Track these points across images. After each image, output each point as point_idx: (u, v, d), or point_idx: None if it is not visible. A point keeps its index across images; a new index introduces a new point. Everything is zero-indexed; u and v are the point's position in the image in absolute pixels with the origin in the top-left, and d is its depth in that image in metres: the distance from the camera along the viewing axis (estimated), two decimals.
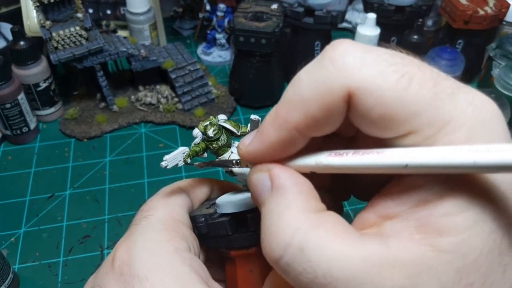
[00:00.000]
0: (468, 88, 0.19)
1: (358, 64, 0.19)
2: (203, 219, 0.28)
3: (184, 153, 0.28)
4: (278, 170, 0.21)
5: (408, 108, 0.18)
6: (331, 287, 0.18)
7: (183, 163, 0.28)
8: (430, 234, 0.18)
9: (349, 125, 0.21)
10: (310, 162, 0.21)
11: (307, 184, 0.21)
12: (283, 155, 0.22)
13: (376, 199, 0.21)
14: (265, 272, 0.27)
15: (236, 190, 0.32)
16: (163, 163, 0.27)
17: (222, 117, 0.29)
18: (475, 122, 0.18)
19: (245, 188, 0.31)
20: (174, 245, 0.25)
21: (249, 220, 0.27)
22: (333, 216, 0.20)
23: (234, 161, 0.27)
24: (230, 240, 0.28)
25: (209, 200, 0.32)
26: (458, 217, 0.18)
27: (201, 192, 0.32)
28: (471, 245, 0.17)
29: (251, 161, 0.23)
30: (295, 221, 0.19)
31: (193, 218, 0.29)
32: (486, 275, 0.18)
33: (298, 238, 0.19)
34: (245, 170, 0.28)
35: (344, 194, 0.28)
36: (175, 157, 0.27)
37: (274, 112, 0.21)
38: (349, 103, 0.19)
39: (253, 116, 0.28)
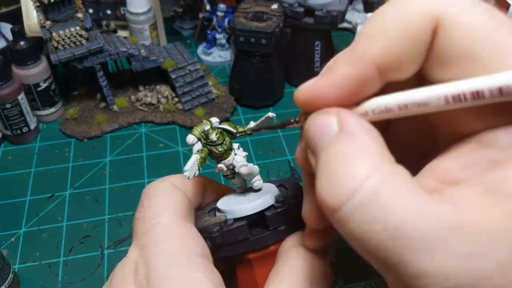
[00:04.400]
0: None
1: None
2: (217, 227, 0.27)
3: (197, 161, 0.27)
4: (348, 115, 0.19)
5: (495, 53, 0.17)
6: (401, 243, 0.16)
7: (198, 172, 0.27)
8: (505, 199, 0.16)
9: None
10: (397, 97, 0.19)
11: (378, 134, 0.19)
12: (350, 98, 0.20)
13: (435, 163, 0.19)
14: None
15: (229, 193, 0.31)
16: (186, 173, 0.26)
17: (215, 119, 0.29)
18: None
19: (240, 190, 0.30)
20: (187, 252, 0.25)
21: (268, 219, 0.27)
22: (406, 171, 0.18)
23: (292, 120, 0.24)
24: (249, 243, 0.27)
25: (203, 209, 0.31)
26: None
27: (197, 189, 0.31)
28: None
29: (311, 103, 0.20)
30: (369, 165, 0.17)
31: (205, 229, 0.27)
32: None
33: (372, 183, 0.17)
34: (254, 168, 0.28)
35: None
36: (193, 166, 0.27)
37: (349, 49, 0.19)
38: (434, 36, 0.18)
39: (270, 114, 0.27)
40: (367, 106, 0.20)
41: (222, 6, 0.91)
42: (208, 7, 0.93)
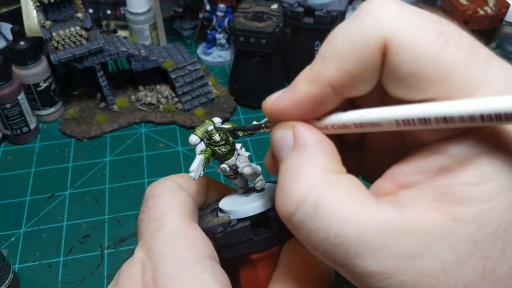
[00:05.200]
0: (500, 59, 0.19)
1: (395, 17, 0.18)
2: (221, 228, 0.27)
3: (202, 162, 0.27)
4: (302, 128, 0.21)
5: (441, 70, 0.18)
6: (342, 248, 0.18)
7: (203, 172, 0.27)
8: (449, 203, 0.18)
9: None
10: (351, 116, 0.20)
11: (330, 145, 0.21)
12: (310, 114, 0.21)
13: (394, 167, 0.20)
14: None
15: (230, 193, 0.31)
16: (192, 174, 0.26)
17: (217, 120, 0.28)
18: (505, 92, 0.17)
19: (242, 190, 0.30)
20: (194, 253, 0.24)
21: (272, 219, 0.27)
22: (352, 179, 0.20)
23: (263, 124, 0.25)
24: (252, 244, 0.27)
25: (204, 209, 0.31)
26: (480, 187, 0.17)
27: (201, 188, 0.31)
28: (491, 217, 0.17)
29: (276, 116, 0.22)
30: (313, 178, 0.19)
31: (209, 230, 0.27)
32: (503, 249, 0.17)
33: (314, 195, 0.19)
34: (257, 168, 0.28)
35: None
36: (198, 166, 0.27)
37: (308, 68, 0.21)
38: (383, 56, 0.19)
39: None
40: (327, 121, 0.21)
41: (222, 6, 0.91)
42: (208, 7, 0.93)
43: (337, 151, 0.21)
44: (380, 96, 0.22)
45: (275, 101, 0.22)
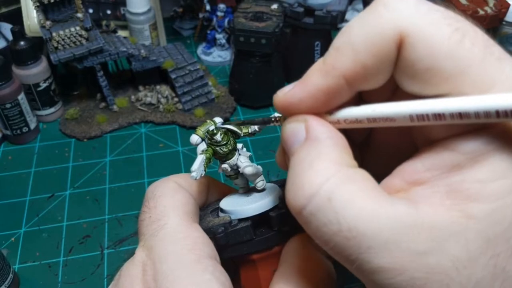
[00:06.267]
0: None
1: (413, 11, 0.19)
2: (222, 228, 0.27)
3: (204, 161, 0.27)
4: (315, 122, 0.21)
5: (457, 65, 0.18)
6: (354, 242, 0.18)
7: (205, 172, 0.27)
8: (462, 200, 0.17)
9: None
10: (364, 110, 0.20)
11: (342, 139, 0.21)
12: (322, 107, 0.21)
13: (404, 164, 0.20)
14: None
15: (231, 193, 0.31)
16: (194, 174, 0.26)
17: (219, 119, 0.29)
18: None
19: (243, 190, 0.30)
20: (196, 253, 0.24)
21: (273, 219, 0.27)
22: (365, 174, 0.20)
23: (273, 118, 0.25)
24: (253, 244, 0.27)
25: (204, 209, 0.31)
26: (493, 185, 0.17)
27: (202, 188, 0.31)
28: (503, 214, 0.17)
29: (287, 110, 0.22)
30: (326, 171, 0.19)
31: (209, 230, 0.27)
32: None
33: (327, 188, 0.18)
34: (258, 168, 0.28)
35: None
36: (200, 166, 0.27)
37: (322, 60, 0.20)
38: (399, 50, 0.19)
39: (276, 114, 0.27)
40: (339, 115, 0.21)
41: (222, 6, 0.91)
42: (208, 7, 0.93)
43: (349, 145, 0.21)
44: (389, 91, 0.22)
45: (286, 94, 0.22)
